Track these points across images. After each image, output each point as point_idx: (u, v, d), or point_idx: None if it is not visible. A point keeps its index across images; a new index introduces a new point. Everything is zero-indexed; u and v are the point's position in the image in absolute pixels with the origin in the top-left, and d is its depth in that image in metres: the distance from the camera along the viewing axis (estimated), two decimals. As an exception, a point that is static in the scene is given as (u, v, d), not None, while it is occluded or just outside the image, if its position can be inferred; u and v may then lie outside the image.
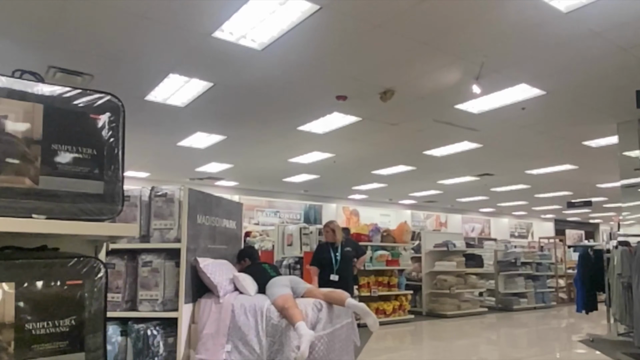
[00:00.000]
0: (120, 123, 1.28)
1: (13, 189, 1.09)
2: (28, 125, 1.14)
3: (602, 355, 5.89)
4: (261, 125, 7.67)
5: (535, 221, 22.53)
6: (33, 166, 1.13)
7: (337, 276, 5.17)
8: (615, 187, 9.90)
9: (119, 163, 1.26)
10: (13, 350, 1.02)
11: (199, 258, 3.62)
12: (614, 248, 6.59)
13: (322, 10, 4.06)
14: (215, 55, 4.95)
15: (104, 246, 1.39)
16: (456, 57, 5.02)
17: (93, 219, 1.18)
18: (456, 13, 4.14)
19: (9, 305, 1.03)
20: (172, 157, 9.92)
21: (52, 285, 1.09)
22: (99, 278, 1.17)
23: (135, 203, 3.55)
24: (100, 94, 1.26)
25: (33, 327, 1.05)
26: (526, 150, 9.19)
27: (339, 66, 5.29)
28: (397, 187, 13.73)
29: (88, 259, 1.17)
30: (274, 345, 3.35)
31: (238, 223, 4.55)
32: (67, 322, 1.09)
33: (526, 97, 6.15)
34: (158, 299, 3.46)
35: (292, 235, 8.10)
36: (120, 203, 1.25)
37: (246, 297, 3.65)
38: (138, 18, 4.20)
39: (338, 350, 3.60)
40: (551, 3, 3.96)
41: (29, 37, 4.58)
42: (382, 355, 5.98)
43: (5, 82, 1.14)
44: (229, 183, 13.49)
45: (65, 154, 1.17)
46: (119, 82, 5.60)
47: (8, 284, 1.04)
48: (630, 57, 4.94)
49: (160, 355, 3.38)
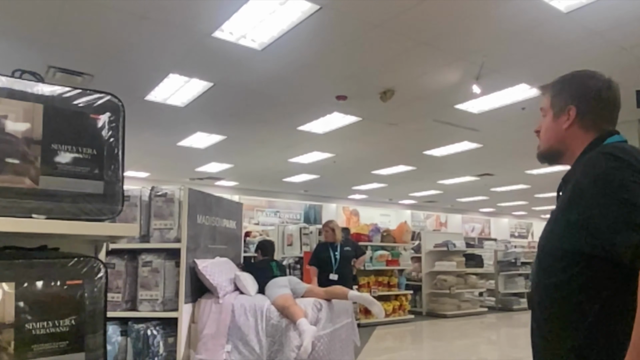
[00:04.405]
0: (120, 123, 1.28)
1: (13, 189, 1.09)
2: (28, 125, 1.14)
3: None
4: (261, 125, 7.67)
5: (535, 221, 22.53)
6: (33, 166, 1.13)
7: (337, 275, 5.18)
8: (615, 187, 9.88)
9: (119, 163, 1.26)
10: (13, 350, 1.02)
11: (198, 260, 3.62)
12: (614, 248, 6.59)
13: (322, 10, 4.06)
14: (215, 55, 4.95)
15: (104, 246, 1.39)
16: (456, 57, 5.02)
17: (93, 219, 1.18)
18: (456, 13, 4.14)
19: (9, 305, 1.03)
20: (172, 157, 9.91)
21: (52, 285, 1.09)
22: (99, 278, 1.17)
23: (135, 203, 3.55)
24: (100, 94, 1.26)
25: (33, 327, 1.05)
26: (526, 150, 9.17)
27: (339, 66, 5.29)
28: (397, 187, 13.73)
29: (88, 259, 1.17)
30: (274, 345, 3.35)
31: (238, 223, 4.55)
32: (67, 322, 1.09)
33: (526, 97, 6.15)
34: (158, 299, 3.46)
35: (292, 235, 8.12)
36: (120, 203, 1.25)
37: (246, 297, 3.65)
38: (138, 18, 4.20)
39: (338, 350, 3.60)
40: (551, 3, 3.96)
41: (29, 37, 4.57)
42: (382, 355, 5.98)
43: (5, 82, 1.13)
44: (229, 183, 13.49)
45: (65, 154, 1.17)
46: (119, 82, 5.60)
47: (8, 284, 1.04)
48: (630, 57, 4.94)
49: (160, 355, 3.38)
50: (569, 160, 1.37)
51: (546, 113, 1.42)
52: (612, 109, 1.38)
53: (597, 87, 1.35)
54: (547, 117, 1.41)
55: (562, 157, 1.40)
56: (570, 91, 1.37)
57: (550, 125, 1.40)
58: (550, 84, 1.44)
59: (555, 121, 1.38)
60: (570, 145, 1.36)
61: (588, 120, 1.34)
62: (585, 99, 1.34)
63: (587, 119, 1.34)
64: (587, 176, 1.16)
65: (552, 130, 1.39)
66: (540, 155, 1.47)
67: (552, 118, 1.39)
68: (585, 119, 1.33)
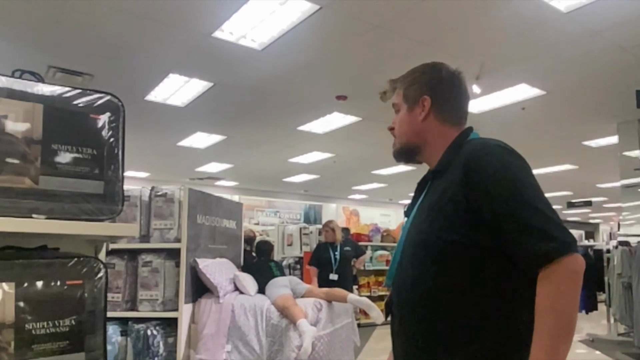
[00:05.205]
0: (120, 123, 1.28)
1: (13, 189, 1.09)
2: (28, 125, 1.14)
3: (602, 355, 5.89)
4: (261, 125, 7.67)
5: (535, 221, 22.50)
6: (33, 166, 1.13)
7: (337, 275, 5.18)
8: (615, 187, 9.89)
9: (119, 163, 1.26)
10: (13, 350, 1.02)
11: (199, 259, 3.62)
12: (614, 248, 6.60)
13: (322, 10, 4.06)
14: (215, 55, 4.95)
15: (104, 246, 1.39)
16: (456, 57, 5.01)
17: (93, 219, 1.18)
18: (456, 13, 4.14)
19: (9, 305, 1.03)
20: (172, 157, 9.91)
21: (52, 285, 1.09)
22: (99, 278, 1.17)
23: (135, 203, 3.55)
24: (100, 94, 1.26)
25: (33, 327, 1.05)
26: (526, 150, 9.08)
27: (339, 66, 5.29)
28: (397, 187, 13.72)
29: (88, 259, 1.17)
30: (274, 345, 3.35)
31: (238, 223, 4.55)
32: (67, 322, 1.09)
33: (526, 97, 6.15)
34: (158, 299, 3.46)
35: (292, 235, 8.11)
36: (120, 203, 1.25)
37: (246, 297, 3.65)
38: (138, 18, 4.20)
39: (338, 350, 3.60)
40: (551, 3, 3.96)
41: (29, 37, 4.57)
42: (382, 355, 5.98)
43: (5, 82, 1.13)
44: (229, 183, 13.49)
45: (65, 154, 1.17)
46: (119, 82, 5.60)
47: (8, 284, 1.04)
48: (630, 57, 4.94)
49: (160, 355, 3.38)
50: (430, 157, 1.29)
51: (400, 107, 1.34)
52: (465, 100, 1.31)
53: (449, 77, 1.29)
54: (401, 112, 1.33)
55: (420, 152, 1.31)
56: (423, 81, 1.29)
57: (405, 119, 1.31)
58: (400, 77, 1.36)
59: (410, 113, 1.30)
60: (429, 139, 1.28)
61: (444, 111, 1.27)
62: (440, 89, 1.27)
63: (443, 110, 1.27)
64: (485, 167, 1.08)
65: (407, 123, 1.31)
66: (397, 152, 1.37)
67: (407, 111, 1.31)
68: (441, 110, 1.27)
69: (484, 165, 1.09)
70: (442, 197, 1.14)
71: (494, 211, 1.04)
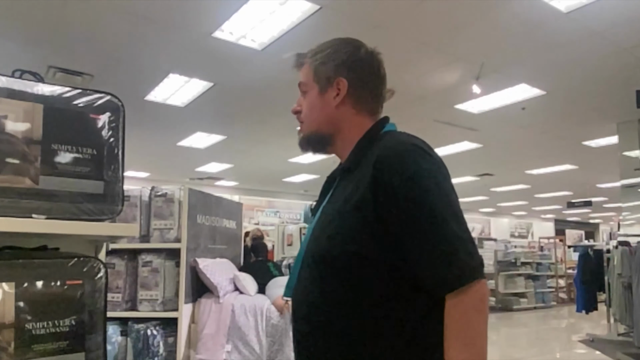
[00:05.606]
0: (120, 123, 1.28)
1: (13, 189, 1.09)
2: (28, 125, 1.14)
3: (602, 355, 5.89)
4: (261, 125, 7.67)
5: (535, 221, 22.53)
6: (33, 166, 1.13)
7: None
8: (615, 187, 9.90)
9: (119, 163, 1.26)
10: (13, 350, 1.02)
11: (199, 259, 3.62)
12: (614, 248, 6.60)
13: (322, 10, 4.06)
14: (215, 55, 4.95)
15: (104, 246, 1.39)
16: (456, 57, 5.02)
17: (93, 219, 1.18)
18: (456, 13, 4.14)
19: (9, 305, 1.03)
20: (172, 157, 9.91)
21: (52, 285, 1.09)
22: (99, 278, 1.17)
23: (135, 203, 3.55)
24: (100, 94, 1.26)
25: (33, 327, 1.05)
26: (526, 150, 9.18)
27: (339, 66, 5.29)
28: (397, 187, 13.72)
29: (88, 259, 1.17)
30: (274, 345, 3.35)
31: (238, 223, 4.55)
32: (67, 322, 1.09)
33: (526, 97, 6.15)
34: (158, 299, 3.46)
35: (292, 235, 8.10)
36: (120, 203, 1.25)
37: (246, 297, 3.65)
38: (138, 18, 4.20)
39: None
40: (551, 3, 3.96)
41: (29, 37, 4.57)
42: (382, 355, 5.98)
43: (5, 82, 1.13)
44: (229, 183, 13.49)
45: (65, 154, 1.17)
46: (119, 82, 5.60)
47: (8, 284, 1.04)
48: (630, 57, 4.94)
49: (160, 355, 3.38)
50: (341, 150, 1.13)
51: (308, 88, 1.16)
52: (383, 86, 1.18)
53: (369, 57, 1.15)
54: (310, 93, 1.15)
55: (331, 143, 1.14)
56: (338, 60, 1.12)
57: (316, 103, 1.13)
58: (310, 51, 1.18)
59: (322, 97, 1.12)
60: (343, 128, 1.12)
61: (362, 97, 1.12)
62: (358, 71, 1.12)
63: (361, 95, 1.12)
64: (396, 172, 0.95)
65: (318, 108, 1.13)
66: (304, 140, 1.17)
67: (318, 93, 1.13)
68: (358, 95, 1.11)
69: (395, 168, 0.96)
70: (347, 202, 1.00)
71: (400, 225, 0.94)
